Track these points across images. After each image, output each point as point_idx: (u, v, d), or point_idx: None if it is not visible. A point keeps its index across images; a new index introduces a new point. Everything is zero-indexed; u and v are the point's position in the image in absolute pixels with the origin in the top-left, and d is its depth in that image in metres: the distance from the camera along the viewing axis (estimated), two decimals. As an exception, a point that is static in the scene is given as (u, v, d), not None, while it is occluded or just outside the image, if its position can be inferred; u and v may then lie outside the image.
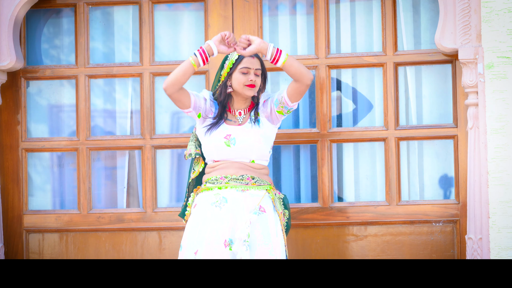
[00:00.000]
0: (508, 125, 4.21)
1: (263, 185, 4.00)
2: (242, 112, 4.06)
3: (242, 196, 3.95)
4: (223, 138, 3.99)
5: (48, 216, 4.80)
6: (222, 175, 3.98)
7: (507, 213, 4.20)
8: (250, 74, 3.99)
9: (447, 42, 4.32)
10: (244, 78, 3.99)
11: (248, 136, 3.99)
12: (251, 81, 3.98)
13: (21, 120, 4.82)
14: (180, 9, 4.85)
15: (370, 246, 4.59)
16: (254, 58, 4.01)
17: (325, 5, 4.66)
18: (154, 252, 4.73)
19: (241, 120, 4.05)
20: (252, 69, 3.99)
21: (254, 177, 3.99)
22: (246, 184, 3.97)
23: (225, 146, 3.98)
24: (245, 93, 4.00)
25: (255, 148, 3.99)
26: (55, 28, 4.91)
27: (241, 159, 4.00)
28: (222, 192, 3.95)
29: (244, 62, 4.00)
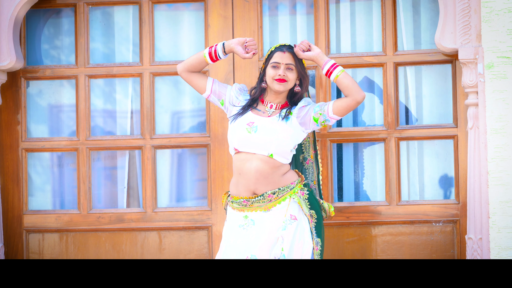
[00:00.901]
0: (508, 125, 4.21)
1: (285, 193, 3.94)
2: (274, 105, 4.02)
3: (268, 216, 3.92)
4: (245, 124, 3.95)
5: (48, 216, 4.80)
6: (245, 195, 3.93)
7: (507, 213, 4.20)
8: (279, 69, 3.95)
9: (447, 42, 4.32)
10: (274, 72, 3.96)
11: (271, 127, 3.94)
12: (280, 75, 3.94)
13: (21, 120, 4.82)
14: (180, 9, 4.85)
15: (370, 246, 4.59)
16: (285, 53, 3.96)
17: (325, 5, 4.66)
18: (154, 252, 4.73)
19: (270, 113, 4.01)
20: (282, 64, 3.95)
21: (275, 191, 3.93)
22: (270, 201, 3.93)
23: (246, 132, 3.93)
24: (274, 87, 3.96)
25: (275, 141, 3.92)
26: (55, 28, 4.91)
27: (260, 151, 3.92)
28: (250, 215, 3.94)
29: (274, 56, 3.97)
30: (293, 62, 3.97)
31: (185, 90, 4.83)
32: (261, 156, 3.93)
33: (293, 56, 3.98)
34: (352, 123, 4.71)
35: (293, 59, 3.98)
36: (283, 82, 3.95)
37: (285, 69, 3.96)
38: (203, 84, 4.08)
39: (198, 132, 4.77)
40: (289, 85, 3.98)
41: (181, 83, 4.83)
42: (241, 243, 3.91)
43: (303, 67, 4.00)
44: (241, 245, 3.91)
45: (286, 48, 3.98)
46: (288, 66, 3.96)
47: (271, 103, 4.02)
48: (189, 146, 4.77)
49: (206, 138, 4.72)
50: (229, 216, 4.03)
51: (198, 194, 4.83)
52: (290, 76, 3.97)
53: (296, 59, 3.98)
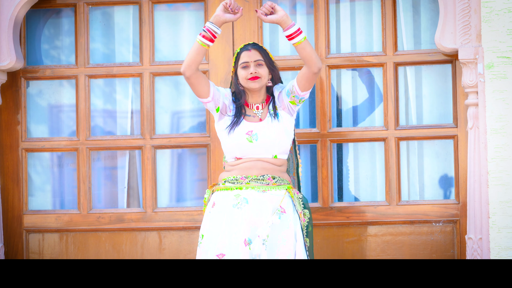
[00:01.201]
0: (508, 125, 4.21)
1: (283, 184, 3.96)
2: (260, 106, 4.02)
3: (263, 197, 3.90)
4: (245, 134, 3.94)
5: (48, 216, 4.80)
6: (243, 175, 3.94)
7: (507, 213, 4.20)
8: (250, 67, 3.96)
9: (447, 42, 4.32)
10: (245, 72, 3.96)
11: (270, 131, 3.95)
12: (251, 73, 3.95)
13: (21, 120, 4.82)
14: (180, 9, 4.85)
15: (370, 246, 4.59)
16: (251, 51, 3.97)
17: (325, 5, 4.66)
18: (154, 252, 4.73)
19: (260, 115, 4.01)
20: (251, 62, 3.96)
21: (275, 176, 3.95)
22: (267, 184, 3.92)
23: (247, 142, 3.93)
24: (250, 86, 3.97)
25: (277, 142, 3.95)
26: (55, 28, 4.91)
27: (264, 155, 3.94)
28: (242, 193, 3.91)
29: (242, 57, 3.98)
30: (261, 57, 3.97)
31: (185, 90, 4.83)
32: (266, 159, 3.96)
33: (260, 52, 3.98)
34: (352, 123, 4.71)
35: (260, 55, 3.98)
36: (257, 79, 3.96)
37: (255, 66, 3.96)
38: (207, 88, 3.98)
39: (198, 132, 4.77)
40: (263, 81, 3.98)
41: (181, 83, 4.83)
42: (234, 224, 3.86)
43: (271, 60, 4.01)
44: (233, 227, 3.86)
45: (250, 46, 3.99)
46: (257, 63, 3.97)
47: (256, 104, 4.02)
48: (189, 146, 4.77)
49: (206, 138, 4.72)
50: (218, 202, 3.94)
51: (198, 194, 4.83)
52: (262, 72, 3.97)
53: (263, 54, 3.98)
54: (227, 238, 3.85)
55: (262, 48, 4.01)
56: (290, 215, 3.91)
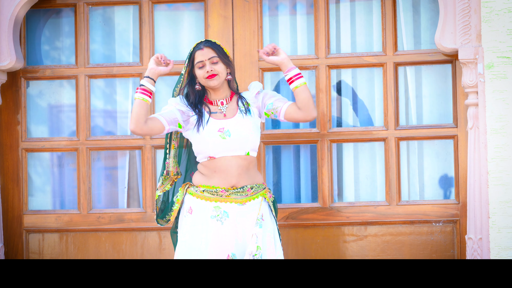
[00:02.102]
0: (508, 125, 4.21)
1: (259, 191, 3.96)
2: (224, 101, 4.01)
3: (242, 210, 3.90)
4: (217, 132, 3.93)
5: (48, 216, 4.80)
6: (223, 185, 3.91)
7: (507, 213, 4.20)
8: (206, 66, 3.94)
9: (447, 42, 4.32)
10: (202, 72, 3.95)
11: (242, 127, 3.94)
12: (208, 72, 3.93)
13: (21, 120, 4.82)
14: (180, 9, 4.85)
15: (370, 246, 4.59)
16: (204, 49, 3.95)
17: (325, 5, 4.66)
18: (154, 252, 4.73)
19: (225, 110, 3.99)
20: (205, 60, 3.94)
21: (253, 186, 3.94)
22: (246, 195, 3.92)
23: (220, 140, 3.91)
24: (209, 84, 3.95)
25: (250, 139, 3.94)
26: (55, 28, 4.91)
27: (237, 152, 3.92)
28: (222, 206, 3.89)
29: (196, 56, 3.96)
30: (215, 54, 3.95)
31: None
32: (239, 156, 3.93)
33: (213, 49, 3.96)
34: (352, 123, 4.71)
35: (214, 51, 3.96)
36: (215, 76, 3.94)
37: (211, 64, 3.94)
38: (160, 126, 3.92)
39: (198, 132, 4.77)
40: (222, 77, 3.97)
41: (181, 83, 4.83)
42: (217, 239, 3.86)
43: (225, 56, 3.98)
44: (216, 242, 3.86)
45: (203, 44, 3.97)
46: (212, 60, 3.95)
47: (220, 99, 4.01)
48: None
49: (206, 138, 4.72)
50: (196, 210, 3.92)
51: (198, 194, 4.82)
52: (218, 69, 3.95)
53: (217, 50, 3.96)
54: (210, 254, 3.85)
55: (215, 44, 3.98)
56: (268, 221, 3.94)
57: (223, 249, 3.86)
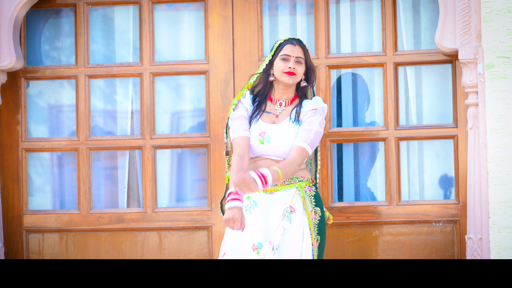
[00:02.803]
0: (508, 125, 4.21)
1: (294, 183, 3.93)
2: (283, 103, 3.99)
3: (270, 199, 3.90)
4: (257, 135, 3.93)
5: (48, 216, 4.80)
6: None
7: (507, 213, 4.20)
8: (289, 61, 3.92)
9: (447, 42, 4.32)
10: (283, 65, 3.92)
11: (282, 135, 3.91)
12: (289, 68, 3.92)
13: (21, 120, 4.82)
14: (180, 9, 4.85)
15: (370, 246, 4.59)
16: (296, 46, 3.95)
17: (325, 5, 4.66)
18: (154, 252, 4.73)
19: (280, 112, 3.98)
20: (292, 56, 3.92)
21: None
22: (275, 185, 3.89)
23: (259, 143, 3.92)
24: (283, 80, 3.93)
25: (288, 148, 3.90)
26: (55, 28, 4.91)
27: (274, 157, 3.91)
28: (252, 195, 3.90)
29: (285, 49, 3.94)
30: (302, 55, 3.95)
31: (185, 90, 4.83)
32: (276, 160, 3.92)
33: (303, 49, 3.96)
34: (352, 123, 4.71)
35: (303, 52, 3.96)
36: (292, 75, 3.93)
37: (295, 62, 3.93)
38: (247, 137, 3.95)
39: (198, 132, 4.77)
40: (297, 79, 3.96)
41: (181, 84, 4.83)
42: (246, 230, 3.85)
43: (311, 62, 3.99)
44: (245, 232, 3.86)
45: (296, 41, 3.96)
46: (298, 60, 3.94)
47: (280, 100, 4.00)
48: (189, 146, 4.77)
49: (206, 138, 4.72)
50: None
51: (198, 194, 4.83)
52: (299, 70, 3.94)
53: (306, 53, 3.97)
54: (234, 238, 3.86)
55: (306, 48, 3.98)
56: (300, 214, 3.89)
57: (249, 238, 3.85)
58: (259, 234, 3.85)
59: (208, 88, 4.70)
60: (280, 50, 3.95)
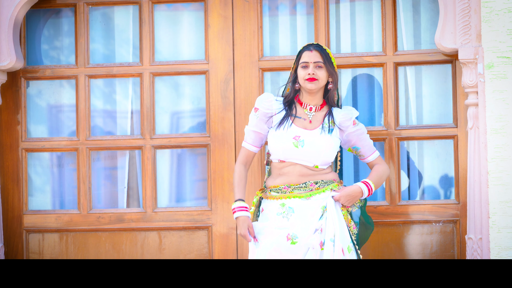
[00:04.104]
0: (508, 125, 4.21)
1: (327, 186, 3.97)
2: (313, 108, 4.04)
3: (308, 204, 3.93)
4: (291, 139, 3.97)
5: (48, 216, 4.80)
6: (285, 184, 3.97)
7: (507, 213, 4.20)
8: (309, 68, 3.98)
9: (447, 42, 4.32)
10: (304, 72, 3.99)
11: (318, 141, 3.97)
12: (309, 74, 3.97)
13: (21, 120, 4.82)
14: (180, 9, 4.85)
15: (370, 246, 4.59)
16: (313, 51, 4.00)
17: (325, 5, 4.66)
18: (154, 252, 4.73)
19: (311, 117, 4.02)
20: (310, 63, 3.98)
21: (317, 181, 3.97)
22: (310, 190, 3.95)
23: (293, 147, 3.96)
24: (307, 86, 3.98)
25: (322, 155, 3.96)
26: (55, 28, 4.91)
27: (306, 163, 3.97)
28: (287, 202, 3.95)
29: (303, 56, 4.01)
30: (321, 59, 3.99)
31: (184, 90, 4.83)
32: (307, 166, 3.98)
33: (321, 54, 4.00)
34: (352, 123, 4.71)
35: (321, 57, 4.00)
36: (314, 80, 3.98)
37: (314, 68, 3.98)
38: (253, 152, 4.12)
39: (198, 132, 4.77)
40: (320, 83, 4.01)
41: (180, 84, 4.83)
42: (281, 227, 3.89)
43: (331, 64, 4.02)
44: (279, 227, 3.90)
45: (313, 47, 4.01)
46: (317, 64, 3.99)
47: (310, 105, 4.04)
48: (189, 146, 4.77)
49: (206, 138, 4.72)
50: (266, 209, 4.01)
51: (198, 194, 4.83)
52: (320, 74, 3.99)
53: (324, 56, 4.00)
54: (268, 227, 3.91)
55: (325, 51, 4.02)
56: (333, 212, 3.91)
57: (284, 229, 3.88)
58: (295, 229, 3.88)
59: (208, 88, 4.70)
60: (299, 58, 4.03)
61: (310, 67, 3.98)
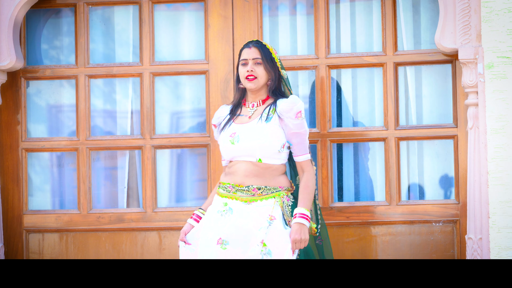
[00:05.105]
0: (508, 125, 4.21)
1: (272, 194, 3.86)
2: (255, 104, 3.95)
3: (247, 209, 3.84)
4: (228, 137, 3.90)
5: (48, 216, 4.80)
6: (231, 182, 3.90)
7: (507, 213, 4.20)
8: (248, 65, 3.91)
9: (447, 42, 4.32)
10: (243, 70, 3.92)
11: (252, 133, 3.86)
12: (247, 71, 3.89)
13: (21, 120, 4.82)
14: (180, 9, 4.85)
15: (370, 246, 4.59)
16: (251, 48, 3.92)
17: (325, 5, 4.66)
18: (154, 252, 4.73)
19: (252, 113, 3.93)
20: (249, 59, 3.90)
21: (261, 187, 3.85)
22: (252, 195, 3.85)
23: (230, 144, 3.89)
24: (246, 85, 3.91)
25: (259, 146, 3.84)
26: (55, 28, 4.91)
27: (247, 158, 3.86)
28: (229, 203, 3.88)
29: (242, 54, 3.94)
30: (259, 55, 3.90)
31: (184, 90, 4.84)
32: (250, 162, 3.87)
33: (259, 50, 3.91)
34: (352, 123, 4.71)
35: (259, 53, 3.91)
36: (254, 79, 3.89)
37: (253, 64, 3.90)
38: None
39: (198, 132, 4.77)
40: (260, 81, 3.91)
41: (180, 84, 4.83)
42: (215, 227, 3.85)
43: (271, 61, 3.91)
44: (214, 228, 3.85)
45: (252, 44, 3.93)
46: (255, 61, 3.90)
47: (253, 102, 3.96)
48: (189, 146, 4.77)
49: (206, 138, 4.72)
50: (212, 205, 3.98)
51: (198, 194, 4.83)
52: (259, 71, 3.90)
53: (263, 53, 3.91)
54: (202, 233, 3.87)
55: (264, 47, 3.93)
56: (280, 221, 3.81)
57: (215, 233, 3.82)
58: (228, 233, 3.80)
59: (208, 88, 4.70)
60: (240, 56, 3.96)
61: (249, 64, 3.90)
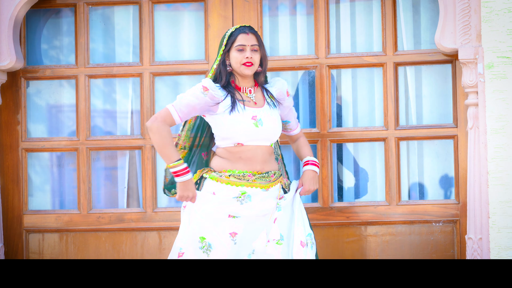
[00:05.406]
0: (508, 125, 4.21)
1: (279, 178, 3.96)
2: (252, 90, 3.94)
3: (265, 196, 3.87)
4: (250, 119, 3.85)
5: (48, 216, 4.80)
6: (249, 170, 3.87)
7: (507, 213, 4.20)
8: (246, 51, 3.88)
9: (447, 42, 4.32)
10: (240, 56, 3.88)
11: (272, 118, 3.90)
12: (247, 58, 3.87)
13: (21, 120, 4.82)
14: (180, 9, 4.85)
15: (370, 246, 4.59)
16: (249, 34, 3.89)
17: (325, 5, 4.66)
18: (154, 252, 4.74)
19: (254, 99, 3.93)
20: (247, 46, 3.88)
21: (276, 172, 3.94)
22: (270, 181, 3.90)
23: (254, 127, 3.84)
24: (243, 72, 3.88)
25: (278, 130, 3.94)
26: (55, 28, 4.91)
27: (264, 142, 3.89)
28: (248, 191, 3.85)
29: (239, 39, 3.88)
30: (257, 42, 3.91)
31: (184, 90, 4.83)
32: (265, 146, 3.91)
33: (256, 37, 3.92)
34: (352, 123, 4.71)
35: (257, 40, 3.92)
36: (251, 65, 3.89)
37: (251, 51, 3.88)
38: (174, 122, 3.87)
39: (198, 132, 4.77)
40: (255, 68, 3.92)
41: (180, 84, 4.83)
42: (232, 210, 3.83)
43: (264, 48, 3.95)
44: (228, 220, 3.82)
45: (248, 30, 3.91)
46: (253, 48, 3.89)
47: (248, 87, 3.95)
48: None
49: (206, 138, 4.72)
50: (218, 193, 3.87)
51: (198, 194, 4.82)
52: (256, 58, 3.90)
53: (259, 40, 3.92)
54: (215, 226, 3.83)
55: (258, 34, 3.95)
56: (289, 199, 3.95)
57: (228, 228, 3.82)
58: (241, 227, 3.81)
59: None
60: (234, 40, 3.89)
61: (248, 51, 3.87)
